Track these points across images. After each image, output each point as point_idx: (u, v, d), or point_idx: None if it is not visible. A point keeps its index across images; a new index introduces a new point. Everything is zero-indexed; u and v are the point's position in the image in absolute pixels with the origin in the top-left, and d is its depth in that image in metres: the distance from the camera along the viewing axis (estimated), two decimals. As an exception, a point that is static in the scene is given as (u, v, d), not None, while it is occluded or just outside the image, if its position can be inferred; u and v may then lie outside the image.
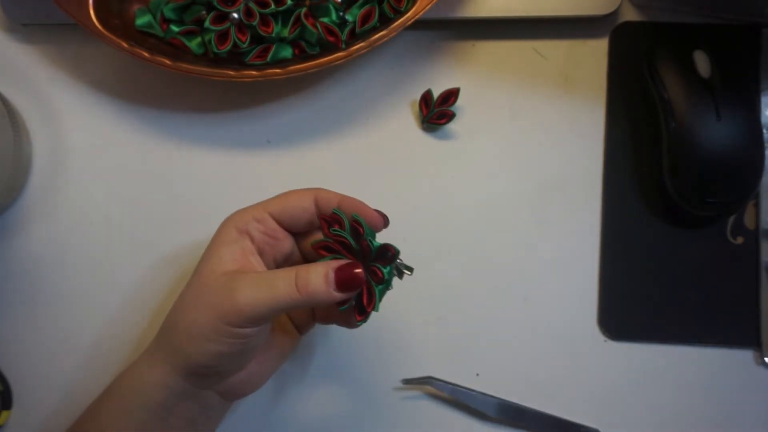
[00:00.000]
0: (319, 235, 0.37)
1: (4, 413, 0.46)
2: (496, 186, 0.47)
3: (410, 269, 0.36)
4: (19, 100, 0.48)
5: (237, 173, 0.48)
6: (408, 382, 0.45)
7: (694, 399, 0.45)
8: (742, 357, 0.45)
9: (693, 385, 0.45)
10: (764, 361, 0.44)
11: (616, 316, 0.45)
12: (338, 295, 0.33)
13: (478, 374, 0.45)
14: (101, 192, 0.48)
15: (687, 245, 0.45)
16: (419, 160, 0.47)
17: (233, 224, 0.36)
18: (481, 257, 0.46)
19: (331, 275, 0.33)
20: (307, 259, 0.39)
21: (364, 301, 0.34)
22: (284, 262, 0.38)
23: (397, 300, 0.46)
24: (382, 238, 0.35)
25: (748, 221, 0.45)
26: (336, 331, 0.46)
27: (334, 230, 0.35)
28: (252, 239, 0.36)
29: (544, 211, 0.46)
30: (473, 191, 0.47)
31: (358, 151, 0.47)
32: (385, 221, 0.36)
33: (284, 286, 0.33)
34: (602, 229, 0.46)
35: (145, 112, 0.48)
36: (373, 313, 0.34)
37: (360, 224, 0.34)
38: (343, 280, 0.33)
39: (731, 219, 0.45)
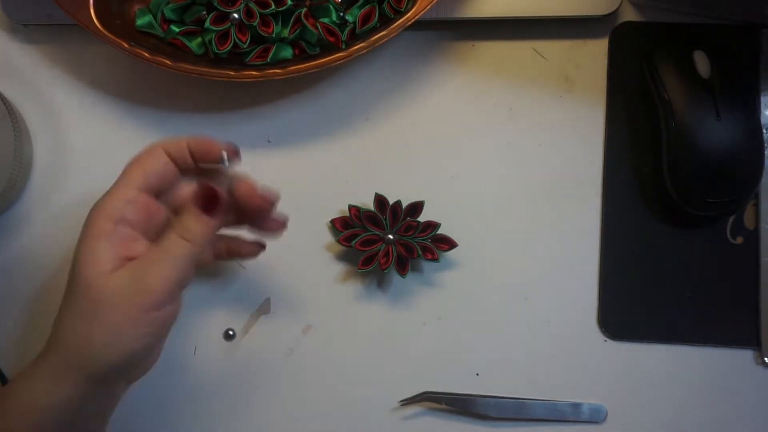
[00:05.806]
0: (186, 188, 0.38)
1: (5, 413, 0.46)
2: (495, 186, 0.47)
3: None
4: (19, 101, 0.48)
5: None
6: (405, 402, 0.45)
7: (694, 399, 0.45)
8: (742, 357, 0.45)
9: (693, 385, 0.45)
10: (764, 361, 0.44)
11: (616, 316, 0.45)
12: (211, 219, 0.35)
13: (478, 374, 0.45)
14: (102, 192, 0.47)
15: (687, 245, 0.46)
16: (419, 160, 0.47)
17: (104, 215, 0.34)
18: (481, 257, 0.46)
19: (195, 209, 0.34)
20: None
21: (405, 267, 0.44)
22: (164, 230, 0.37)
23: (397, 298, 0.46)
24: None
25: (748, 221, 0.45)
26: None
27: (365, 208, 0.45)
28: (130, 224, 0.35)
29: (544, 211, 0.46)
30: (473, 191, 0.47)
31: (358, 151, 0.47)
32: (237, 153, 0.37)
33: (175, 247, 0.34)
34: (602, 229, 0.46)
35: (146, 112, 0.48)
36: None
37: (383, 198, 0.43)
38: (203, 203, 0.34)
39: (731, 219, 0.45)
